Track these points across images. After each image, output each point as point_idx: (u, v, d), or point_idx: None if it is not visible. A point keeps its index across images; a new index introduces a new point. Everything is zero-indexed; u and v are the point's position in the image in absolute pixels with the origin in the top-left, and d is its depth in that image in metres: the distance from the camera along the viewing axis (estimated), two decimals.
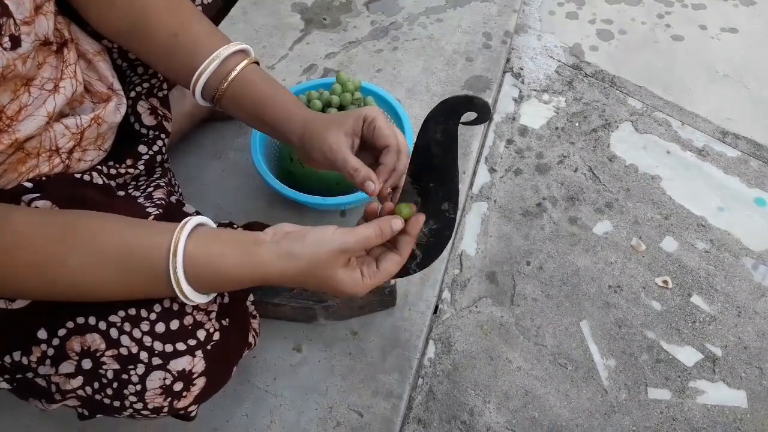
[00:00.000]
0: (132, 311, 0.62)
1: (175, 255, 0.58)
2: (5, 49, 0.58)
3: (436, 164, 0.64)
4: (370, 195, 0.67)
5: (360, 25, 1.44)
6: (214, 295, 0.64)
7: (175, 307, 0.64)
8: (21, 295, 0.61)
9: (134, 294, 0.61)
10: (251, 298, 0.80)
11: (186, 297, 0.60)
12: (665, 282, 1.07)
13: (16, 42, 0.60)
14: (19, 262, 0.57)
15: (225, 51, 0.73)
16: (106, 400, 0.64)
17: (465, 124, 0.60)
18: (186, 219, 0.61)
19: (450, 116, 0.60)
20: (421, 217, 0.65)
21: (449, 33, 1.42)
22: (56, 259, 0.57)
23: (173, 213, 0.77)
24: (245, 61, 0.74)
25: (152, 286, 0.60)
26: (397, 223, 0.64)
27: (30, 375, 0.64)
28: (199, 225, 0.62)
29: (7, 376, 0.65)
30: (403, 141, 0.70)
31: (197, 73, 0.73)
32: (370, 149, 0.71)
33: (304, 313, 0.93)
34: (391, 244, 0.66)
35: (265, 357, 0.92)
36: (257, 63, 0.77)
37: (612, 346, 1.00)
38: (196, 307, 0.65)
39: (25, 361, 0.63)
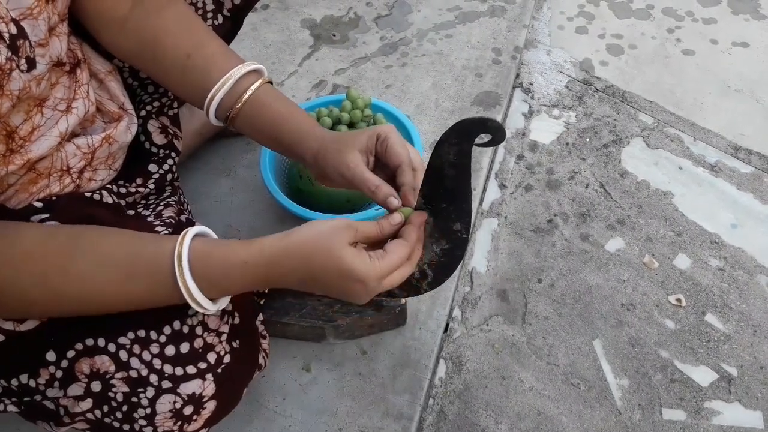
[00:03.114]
0: (142, 333, 0.62)
1: (180, 258, 0.58)
2: (22, 71, 0.58)
3: (449, 185, 0.64)
4: (392, 210, 0.67)
5: (369, 41, 1.44)
6: (222, 304, 0.63)
7: (186, 329, 0.64)
8: (27, 310, 0.60)
9: (138, 302, 0.61)
10: (260, 318, 0.79)
11: (194, 299, 0.59)
12: (679, 300, 1.06)
13: (31, 64, 0.60)
14: (24, 273, 0.57)
15: (238, 72, 0.72)
16: (116, 424, 0.63)
17: (479, 145, 0.60)
18: (186, 229, 0.61)
19: (464, 138, 0.60)
20: (424, 213, 0.66)
21: (459, 49, 1.42)
22: (59, 269, 0.58)
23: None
24: (259, 82, 0.73)
25: (157, 292, 0.60)
26: (395, 217, 0.65)
27: (38, 398, 0.64)
28: (200, 235, 0.62)
29: (15, 399, 0.65)
30: (416, 156, 0.70)
31: (211, 94, 0.72)
32: (383, 167, 0.71)
33: (313, 332, 0.92)
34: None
35: (274, 377, 0.92)
36: (270, 83, 0.76)
37: (625, 365, 0.98)
38: (206, 329, 0.65)
39: (32, 383, 0.62)
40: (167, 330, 0.63)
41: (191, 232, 0.61)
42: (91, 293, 0.59)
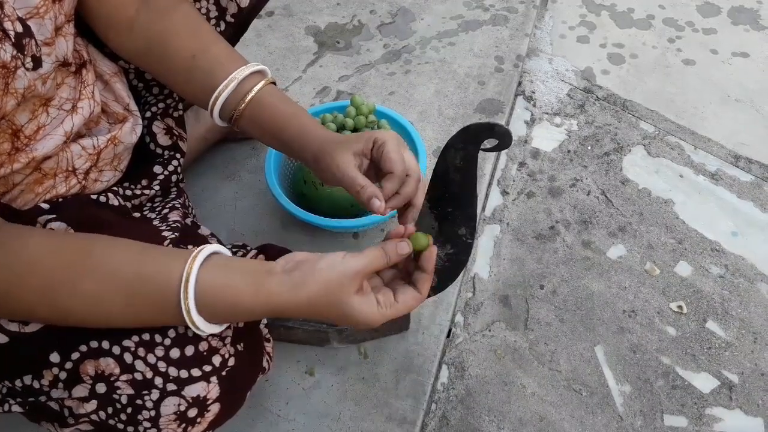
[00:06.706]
0: (146, 336, 0.62)
1: (186, 286, 0.57)
2: (27, 69, 0.59)
3: (455, 190, 0.64)
4: (376, 212, 0.67)
5: (373, 48, 1.45)
6: (225, 326, 0.64)
7: (190, 333, 0.63)
8: (31, 319, 0.61)
9: (144, 323, 0.61)
10: (264, 321, 0.80)
11: (197, 327, 0.59)
12: (680, 307, 1.06)
13: (37, 62, 0.60)
14: (29, 286, 0.57)
15: (242, 72, 0.73)
16: (120, 425, 0.63)
17: (485, 150, 0.60)
18: (200, 248, 0.60)
19: (471, 142, 0.60)
20: (434, 252, 0.65)
21: (461, 56, 1.43)
22: (65, 286, 0.57)
23: (189, 236, 0.77)
24: (262, 82, 0.74)
25: (162, 315, 0.60)
26: (402, 247, 0.64)
27: (43, 398, 0.64)
28: (213, 254, 0.61)
29: (19, 399, 0.64)
30: (413, 166, 0.70)
31: (215, 95, 0.73)
32: (379, 171, 0.71)
33: (316, 336, 0.92)
34: (408, 275, 0.66)
35: (278, 381, 0.92)
36: (274, 83, 0.77)
37: (627, 371, 0.98)
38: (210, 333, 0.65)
39: (36, 385, 0.62)
40: (171, 333, 0.63)
41: (200, 258, 0.59)
42: (96, 313, 0.59)
